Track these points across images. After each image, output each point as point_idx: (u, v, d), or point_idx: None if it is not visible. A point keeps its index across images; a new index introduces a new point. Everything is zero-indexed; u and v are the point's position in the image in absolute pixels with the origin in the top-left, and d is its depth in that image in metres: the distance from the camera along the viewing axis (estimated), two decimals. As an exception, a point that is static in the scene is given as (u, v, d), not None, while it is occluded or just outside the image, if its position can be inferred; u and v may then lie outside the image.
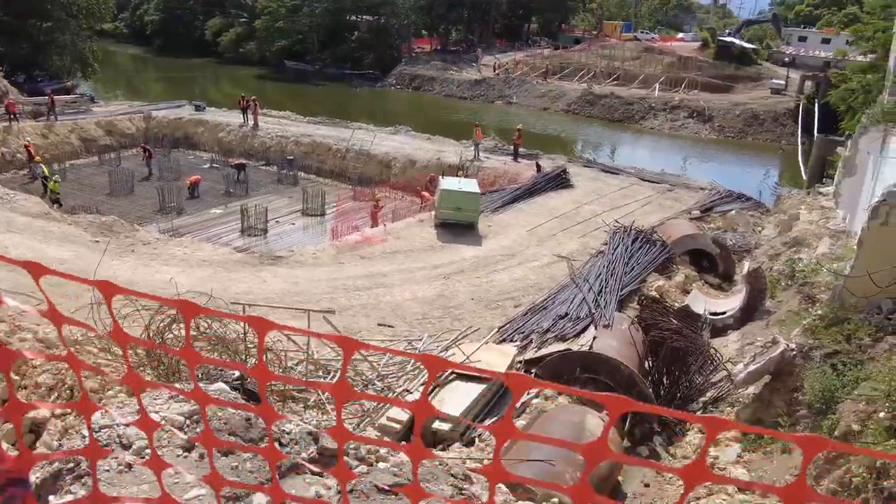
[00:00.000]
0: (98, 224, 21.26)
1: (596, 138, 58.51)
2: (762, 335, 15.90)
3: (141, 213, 29.87)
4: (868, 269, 10.82)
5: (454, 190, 23.66)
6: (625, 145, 55.91)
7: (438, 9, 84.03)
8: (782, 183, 49.91)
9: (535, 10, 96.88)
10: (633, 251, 20.31)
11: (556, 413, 11.68)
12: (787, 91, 63.65)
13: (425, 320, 16.93)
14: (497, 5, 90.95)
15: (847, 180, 17.64)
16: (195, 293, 14.90)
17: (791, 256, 18.67)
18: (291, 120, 45.02)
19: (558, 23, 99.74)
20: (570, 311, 15.92)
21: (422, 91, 72.04)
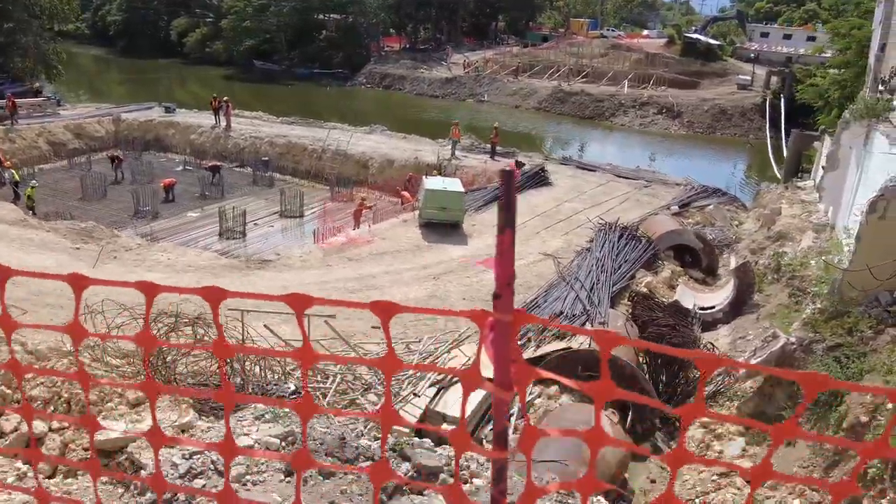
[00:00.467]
0: (77, 230, 20.75)
1: (568, 135, 58.88)
2: (753, 329, 16.14)
3: (115, 217, 29.23)
4: (866, 262, 11.01)
5: (439, 190, 23.59)
6: (597, 142, 56.40)
7: (407, 7, 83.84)
8: (750, 177, 50.94)
9: (503, 8, 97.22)
10: (619, 248, 20.47)
11: (561, 412, 11.70)
12: (753, 86, 64.74)
13: (420, 322, 16.81)
14: (464, 4, 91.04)
15: (830, 175, 17.98)
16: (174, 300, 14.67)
17: (776, 250, 18.95)
18: (264, 120, 44.49)
19: (525, 21, 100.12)
20: (564, 310, 15.97)
21: (392, 90, 71.80)
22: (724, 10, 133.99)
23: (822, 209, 19.70)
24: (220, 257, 20.50)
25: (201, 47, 79.87)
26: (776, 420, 11.74)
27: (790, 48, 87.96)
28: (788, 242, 19.06)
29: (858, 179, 16.09)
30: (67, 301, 16.23)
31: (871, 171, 15.11)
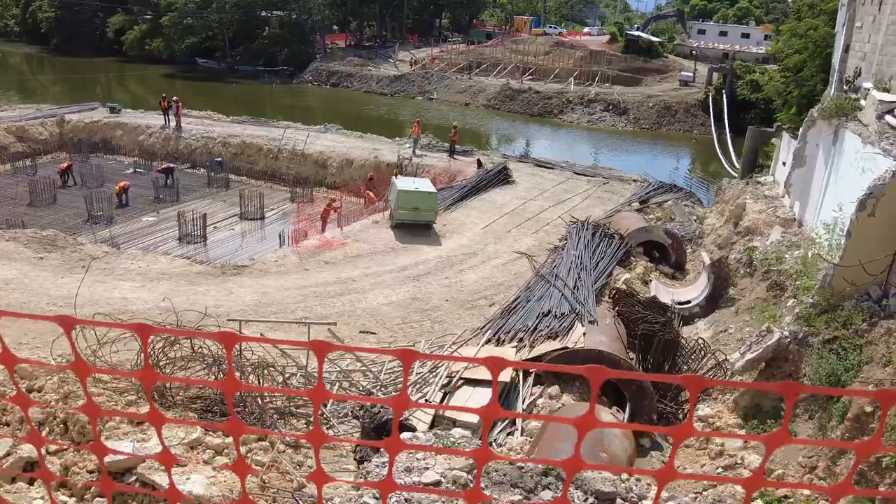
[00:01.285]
0: (39, 239, 19.88)
1: (519, 133, 59.40)
2: (734, 323, 16.61)
3: (68, 224, 28.12)
4: (856, 257, 11.45)
5: (412, 190, 23.49)
6: (547, 139, 56.94)
7: (351, 4, 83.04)
8: (694, 171, 52.42)
9: (446, 5, 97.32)
10: (595, 245, 20.77)
11: (570, 412, 11.80)
12: (695, 83, 66.46)
13: (406, 324, 16.76)
14: (408, 1, 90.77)
15: (797, 171, 18.61)
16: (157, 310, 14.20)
17: (746, 245, 19.51)
18: (214, 120, 43.48)
19: (469, 18, 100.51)
20: (552, 309, 16.12)
21: (340, 87, 71.09)
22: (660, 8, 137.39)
23: (787, 204, 20.38)
24: (194, 264, 19.94)
25: (140, 45, 77.39)
26: (772, 412, 12.14)
27: (726, 45, 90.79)
28: (757, 237, 19.64)
29: (828, 176, 16.72)
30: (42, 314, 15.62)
31: (841, 169, 15.72)
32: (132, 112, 44.16)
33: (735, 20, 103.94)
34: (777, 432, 2.17)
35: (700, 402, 13.63)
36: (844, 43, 17.68)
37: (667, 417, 13.57)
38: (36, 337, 14.82)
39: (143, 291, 17.17)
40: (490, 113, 64.00)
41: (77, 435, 10.44)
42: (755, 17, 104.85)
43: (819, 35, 22.59)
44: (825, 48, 22.45)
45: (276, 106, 59.21)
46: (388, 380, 13.28)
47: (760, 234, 19.97)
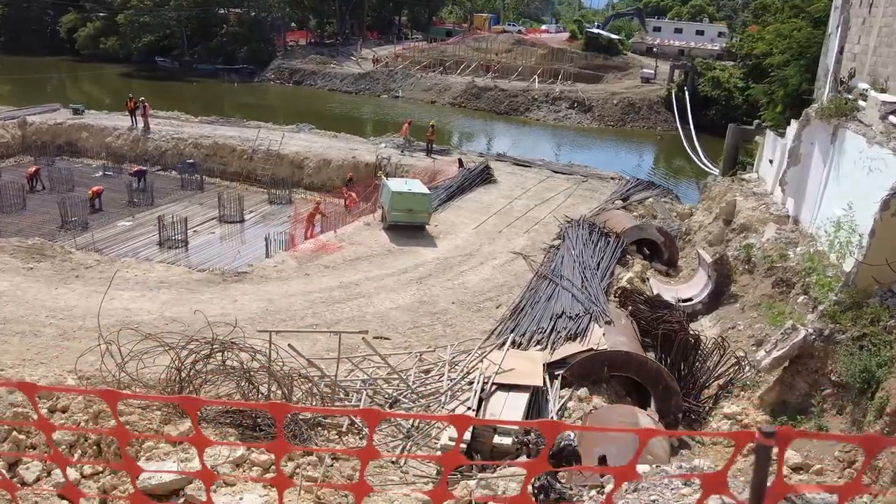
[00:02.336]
0: (26, 248, 19.09)
1: (487, 131, 59.53)
2: (742, 319, 16.90)
3: (41, 230, 27.03)
4: (880, 255, 11.74)
5: (405, 192, 23.29)
6: (516, 137, 57.10)
7: (310, 1, 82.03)
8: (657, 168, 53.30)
9: (405, 2, 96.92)
10: (593, 245, 20.91)
11: (606, 415, 11.85)
12: (657, 80, 67.50)
13: (417, 329, 16.62)
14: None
15: (792, 170, 19.03)
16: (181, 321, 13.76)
17: (742, 242, 19.87)
18: (182, 120, 42.51)
19: (428, 16, 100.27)
20: (565, 310, 16.15)
21: (304, 85, 70.20)
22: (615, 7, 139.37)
23: (779, 201, 20.84)
24: (192, 271, 19.41)
25: (94, 44, 75.03)
26: (799, 408, 12.36)
27: (682, 42, 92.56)
28: (752, 234, 20.03)
29: (827, 175, 17.14)
30: (42, 328, 15.01)
31: (843, 168, 16.12)
32: (96, 113, 42.88)
33: (689, 17, 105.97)
34: (850, 484, 2.23)
35: (725, 400, 13.84)
36: (839, 45, 18.15)
37: (689, 415, 13.75)
38: (39, 352, 14.23)
39: (144, 301, 16.64)
40: (456, 111, 64.00)
41: (113, 457, 10.08)
42: (708, 15, 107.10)
43: (802, 36, 23.17)
44: (808, 48, 23.05)
45: (241, 105, 58.09)
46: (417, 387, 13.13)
47: (755, 231, 20.38)
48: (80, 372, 12.47)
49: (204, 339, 11.05)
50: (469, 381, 12.65)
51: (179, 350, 11.04)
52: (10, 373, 12.77)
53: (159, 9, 69.32)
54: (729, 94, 59.37)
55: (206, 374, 11.10)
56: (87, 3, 76.17)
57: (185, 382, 10.87)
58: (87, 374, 12.74)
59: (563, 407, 12.63)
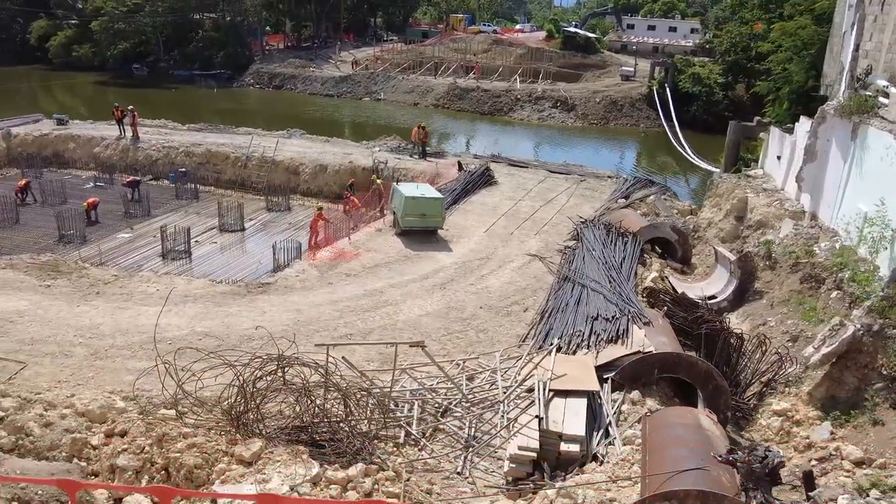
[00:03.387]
0: (39, 265, 18.59)
1: (472, 132, 59.46)
2: (772, 316, 17.04)
3: (39, 244, 26.48)
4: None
5: (419, 196, 23.15)
6: (502, 137, 57.14)
7: (286, 5, 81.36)
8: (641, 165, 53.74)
9: (380, 4, 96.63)
10: (612, 245, 20.97)
11: (666, 418, 11.83)
12: (636, 77, 68.06)
13: (451, 335, 16.51)
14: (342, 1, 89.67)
15: (808, 166, 19.27)
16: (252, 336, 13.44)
17: (759, 239, 20.07)
18: (170, 129, 41.82)
19: (403, 17, 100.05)
20: (600, 312, 16.16)
21: (284, 90, 69.59)
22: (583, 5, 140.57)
23: (793, 197, 21.09)
24: (215, 284, 19.04)
25: (66, 52, 73.53)
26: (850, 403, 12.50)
27: (655, 39, 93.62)
28: (769, 230, 20.24)
29: (848, 171, 17.37)
30: (72, 347, 14.61)
31: (867, 164, 16.34)
32: (81, 123, 42.04)
33: (661, 14, 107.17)
34: None
35: (772, 397, 13.95)
36: (855, 42, 18.42)
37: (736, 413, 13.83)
38: (73, 373, 13.85)
39: (172, 316, 16.28)
40: (440, 112, 63.92)
41: (183, 481, 9.82)
42: (680, 11, 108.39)
43: (807, 34, 23.50)
44: (812, 46, 23.39)
45: (216, 110, 57.05)
46: (471, 395, 13.03)
47: (771, 227, 20.60)
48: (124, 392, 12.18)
49: (268, 355, 10.82)
50: (528, 389, 12.57)
51: (241, 367, 10.80)
52: (49, 395, 12.38)
53: (133, 15, 68.14)
54: (710, 90, 60.13)
55: (268, 391, 10.87)
56: (59, 11, 74.63)
57: (248, 400, 10.63)
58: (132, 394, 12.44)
59: (617, 411, 12.62)
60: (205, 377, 11.21)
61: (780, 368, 14.21)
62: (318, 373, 11.22)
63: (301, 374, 11.52)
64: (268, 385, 10.86)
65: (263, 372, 10.79)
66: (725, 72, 60.47)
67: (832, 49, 21.63)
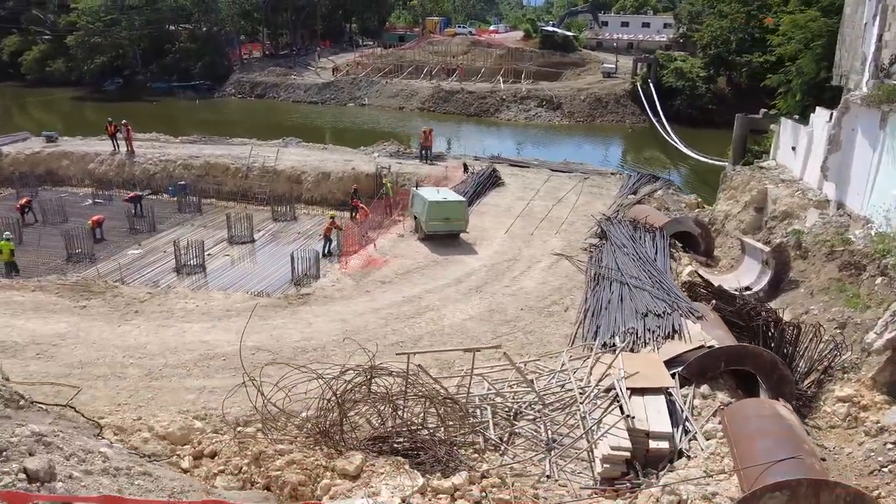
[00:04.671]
0: (70, 286, 18.20)
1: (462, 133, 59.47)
2: (814, 304, 17.23)
3: (48, 264, 25.93)
4: None
5: (442, 201, 23.09)
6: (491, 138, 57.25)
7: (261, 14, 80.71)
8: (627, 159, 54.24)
9: (354, 10, 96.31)
10: (642, 241, 21.09)
11: (744, 410, 11.90)
12: (617, 74, 68.65)
13: (500, 338, 16.46)
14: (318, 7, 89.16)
15: (833, 156, 19.57)
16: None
17: (786, 228, 20.32)
18: (163, 142, 41.27)
19: (378, 22, 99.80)
20: (649, 308, 16.23)
21: (267, 98, 69.01)
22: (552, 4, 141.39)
23: (814, 186, 21.40)
24: (253, 297, 18.80)
25: (40, 67, 72.16)
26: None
27: (629, 35, 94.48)
28: (795, 220, 20.51)
29: (878, 159, 17.66)
30: (124, 369, 14.32)
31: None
32: (70, 139, 41.23)
33: (633, 10, 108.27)
34: None
35: (831, 384, 14.11)
36: (878, 33, 18.74)
37: (804, 403, 13.97)
38: (131, 395, 13.57)
39: (218, 332, 16.04)
40: (426, 115, 63.84)
41: (288, 499, 9.64)
42: (651, 7, 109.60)
43: (817, 26, 23.90)
44: (821, 37, 23.77)
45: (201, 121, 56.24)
46: (547, 398, 12.99)
47: (796, 217, 20.87)
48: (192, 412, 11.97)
49: (359, 365, 10.70)
50: (605, 389, 12.57)
51: (329, 380, 10.64)
52: (114, 419, 12.07)
53: (110, 29, 67.04)
54: (692, 84, 60.85)
55: (361, 402, 10.75)
56: (31, 27, 73.18)
57: (342, 412, 10.49)
58: (201, 414, 12.23)
59: (690, 405, 12.67)
60: (289, 391, 11.00)
61: (836, 356, 14.37)
62: (403, 382, 11.10)
63: (383, 384, 11.40)
64: (363, 396, 10.69)
65: (354, 383, 10.62)
66: (707, 65, 61.23)
67: (844, 40, 22.00)
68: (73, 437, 8.00)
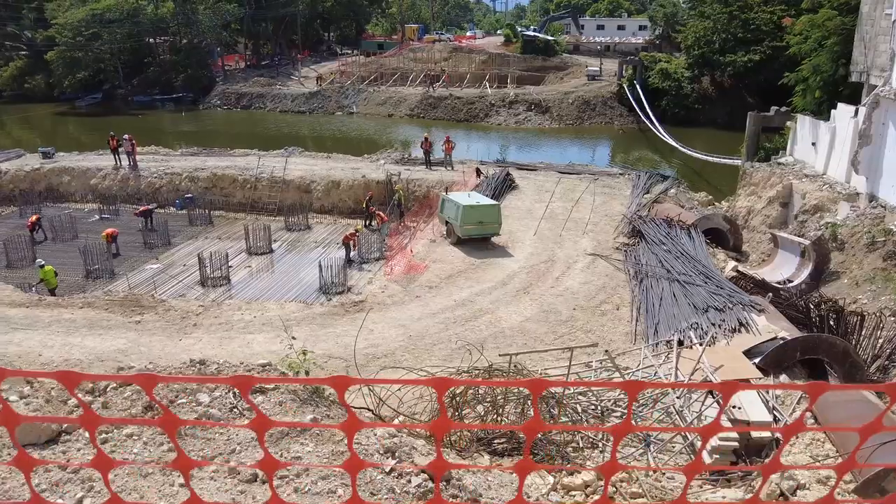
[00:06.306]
0: (119, 301, 17.95)
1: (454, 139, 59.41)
2: (861, 294, 17.70)
3: (67, 282, 25.43)
4: None
5: (476, 205, 23.21)
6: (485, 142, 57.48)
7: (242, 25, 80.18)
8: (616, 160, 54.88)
9: (332, 20, 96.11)
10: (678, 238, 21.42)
11: (831, 395, 12.19)
12: (602, 77, 69.37)
13: (562, 338, 16.65)
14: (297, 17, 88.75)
15: (864, 150, 20.11)
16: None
17: (818, 222, 20.80)
18: (163, 155, 40.84)
19: (356, 30, 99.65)
20: (708, 303, 16.51)
21: (253, 109, 68.40)
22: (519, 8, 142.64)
23: (841, 180, 21.93)
24: (308, 306, 18.75)
25: (18, 83, 70.79)
26: None
27: (605, 38, 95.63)
28: (826, 214, 21.00)
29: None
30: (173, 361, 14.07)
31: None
32: (67, 155, 40.57)
33: (607, 14, 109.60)
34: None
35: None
36: (905, 30, 19.39)
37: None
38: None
39: (279, 341, 15.94)
40: (416, 122, 63.87)
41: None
42: (625, 9, 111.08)
43: (834, 24, 24.51)
44: (837, 35, 24.38)
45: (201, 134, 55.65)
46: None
47: (827, 210, 21.37)
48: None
49: (472, 367, 10.76)
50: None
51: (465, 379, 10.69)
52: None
53: (91, 43, 65.99)
54: (678, 84, 61.79)
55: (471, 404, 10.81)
56: (7, 42, 71.75)
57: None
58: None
59: (774, 395, 12.93)
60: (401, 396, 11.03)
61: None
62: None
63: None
64: (472, 399, 10.76)
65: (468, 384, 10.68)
66: (691, 66, 62.22)
67: (862, 37, 22.62)
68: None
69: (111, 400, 6.07)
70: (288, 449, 5.14)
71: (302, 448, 5.19)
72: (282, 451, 5.30)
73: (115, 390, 6.50)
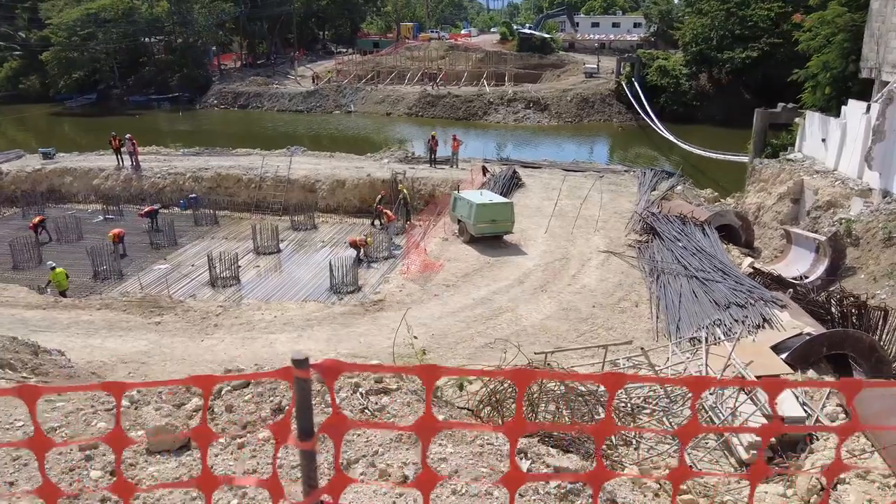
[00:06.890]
0: (137, 302, 17.85)
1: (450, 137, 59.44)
2: (879, 289, 17.76)
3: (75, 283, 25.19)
4: None
5: (489, 203, 23.19)
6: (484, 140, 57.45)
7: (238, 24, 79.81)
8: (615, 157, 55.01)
9: (327, 18, 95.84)
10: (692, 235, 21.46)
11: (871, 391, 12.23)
12: (600, 74, 69.46)
13: (584, 336, 16.66)
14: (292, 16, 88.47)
15: (878, 146, 20.20)
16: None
17: (832, 218, 20.88)
18: (164, 155, 40.62)
19: (351, 29, 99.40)
20: (730, 299, 16.55)
21: (250, 108, 68.13)
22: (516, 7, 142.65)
23: (853, 176, 22.02)
24: (328, 306, 18.68)
25: (13, 83, 70.28)
26: None
27: (600, 35, 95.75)
28: (839, 209, 21.08)
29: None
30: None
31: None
32: (68, 155, 40.31)
33: (601, 11, 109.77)
34: None
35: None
36: (921, 25, 19.48)
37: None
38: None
39: (306, 342, 15.90)
40: (414, 121, 63.81)
41: None
42: (620, 7, 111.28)
43: (844, 21, 24.61)
44: (847, 32, 24.48)
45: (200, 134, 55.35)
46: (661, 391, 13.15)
47: (840, 206, 21.46)
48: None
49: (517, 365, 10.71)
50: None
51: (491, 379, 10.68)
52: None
53: (87, 43, 65.56)
54: (676, 81, 61.96)
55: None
56: (1, 43, 71.21)
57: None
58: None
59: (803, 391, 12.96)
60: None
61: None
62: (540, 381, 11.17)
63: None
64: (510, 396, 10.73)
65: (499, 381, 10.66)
66: (689, 63, 62.41)
67: (873, 34, 22.72)
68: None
69: (234, 403, 6.01)
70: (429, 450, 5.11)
71: (442, 449, 5.15)
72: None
73: (231, 392, 6.44)
